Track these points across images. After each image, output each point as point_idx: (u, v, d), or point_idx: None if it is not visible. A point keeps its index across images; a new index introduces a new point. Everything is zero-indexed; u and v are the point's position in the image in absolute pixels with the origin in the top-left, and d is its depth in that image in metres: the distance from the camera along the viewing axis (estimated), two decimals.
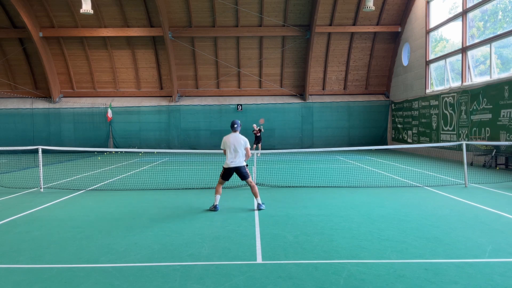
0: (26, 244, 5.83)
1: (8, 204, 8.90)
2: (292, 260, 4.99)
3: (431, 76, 21.37)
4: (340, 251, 5.34)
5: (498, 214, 7.41)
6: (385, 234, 6.11)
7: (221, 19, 24.23)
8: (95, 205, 8.62)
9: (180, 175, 13.15)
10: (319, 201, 8.76)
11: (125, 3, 23.55)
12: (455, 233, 6.14)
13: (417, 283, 4.25)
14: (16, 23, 24.42)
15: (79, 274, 4.63)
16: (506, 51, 16.00)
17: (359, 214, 7.49)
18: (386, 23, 24.44)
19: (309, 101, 26.54)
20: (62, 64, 26.07)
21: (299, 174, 13.83)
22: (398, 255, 5.14)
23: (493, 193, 9.66)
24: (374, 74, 26.69)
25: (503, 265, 4.77)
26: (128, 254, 5.30)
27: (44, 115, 26.32)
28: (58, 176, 13.57)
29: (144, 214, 7.72)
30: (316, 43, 24.85)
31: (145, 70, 26.36)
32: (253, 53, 25.63)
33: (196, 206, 8.45)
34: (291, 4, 23.60)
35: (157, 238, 6.04)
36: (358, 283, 4.28)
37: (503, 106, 14.76)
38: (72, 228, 6.68)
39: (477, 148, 16.06)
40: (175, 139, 26.34)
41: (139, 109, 26.38)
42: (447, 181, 11.53)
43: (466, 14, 17.74)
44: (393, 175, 13.00)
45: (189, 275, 4.56)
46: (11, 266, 4.93)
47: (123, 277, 4.52)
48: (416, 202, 8.55)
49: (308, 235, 6.07)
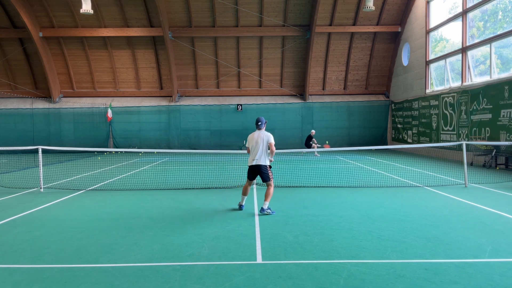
0: (26, 244, 5.83)
1: (8, 204, 8.90)
2: (292, 260, 4.99)
3: (431, 76, 21.37)
4: (340, 251, 5.34)
5: (498, 214, 7.41)
6: (385, 234, 6.11)
7: (221, 19, 24.23)
8: (95, 205, 8.62)
9: (180, 175, 13.15)
10: (319, 201, 8.76)
11: (125, 3, 23.55)
12: (455, 233, 6.14)
13: (417, 283, 4.25)
14: (16, 23, 24.42)
15: (79, 274, 4.63)
16: (506, 51, 16.00)
17: (359, 214, 7.49)
18: (386, 23, 24.44)
19: (309, 101, 26.54)
20: (62, 64, 26.07)
21: (299, 174, 13.83)
22: (398, 255, 5.14)
23: (493, 193, 9.66)
24: (374, 74, 26.69)
25: (503, 265, 4.77)
26: (128, 254, 5.30)
27: (44, 115, 26.32)
28: (58, 176, 13.57)
29: (144, 214, 7.71)
30: (316, 43, 24.85)
31: (145, 70, 26.37)
32: (253, 53, 25.63)
33: (196, 206, 8.45)
34: (291, 4, 23.60)
35: (157, 238, 6.04)
36: (358, 283, 4.28)
37: (503, 106, 14.76)
38: (72, 228, 6.68)
39: (477, 148, 16.06)
40: (175, 139, 26.34)
41: (139, 109, 26.38)
42: (447, 181, 11.52)
43: (466, 14, 17.74)
44: (393, 175, 12.99)
45: (189, 275, 4.56)
46: (11, 266, 4.93)
47: (123, 277, 4.52)
48: (416, 202, 8.55)
49: (308, 235, 6.07)
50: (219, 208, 8.20)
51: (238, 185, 10.78)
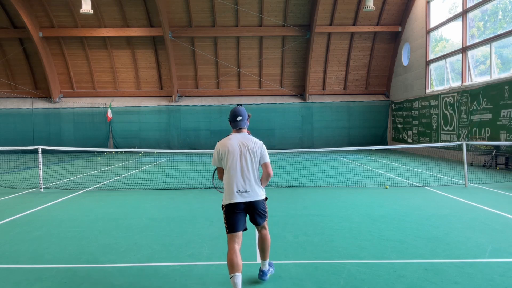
0: (26, 244, 5.82)
1: (8, 204, 8.90)
2: (292, 260, 4.99)
3: (431, 76, 21.37)
4: (340, 251, 5.33)
5: (498, 214, 7.40)
6: (385, 234, 6.11)
7: (221, 19, 24.23)
8: (95, 205, 8.62)
9: (180, 175, 13.15)
10: (319, 201, 8.75)
11: (125, 3, 23.54)
12: (455, 233, 6.14)
13: (417, 283, 4.25)
14: (16, 23, 24.41)
15: (79, 274, 4.63)
16: (506, 51, 16.00)
17: (359, 214, 7.49)
18: (386, 23, 24.44)
19: (309, 101, 26.54)
20: (62, 64, 26.07)
21: (299, 174, 13.82)
22: (398, 255, 5.14)
23: (493, 193, 9.65)
24: (374, 74, 26.69)
25: (503, 265, 4.77)
26: (128, 254, 5.30)
27: (44, 115, 26.32)
28: (58, 176, 13.57)
29: (144, 214, 7.71)
30: (316, 43, 24.85)
31: (145, 70, 26.37)
32: (253, 53, 25.63)
33: (196, 206, 8.45)
34: (291, 4, 23.60)
35: (157, 238, 6.04)
36: (358, 283, 4.28)
37: (503, 106, 14.75)
38: (72, 228, 6.68)
39: (477, 148, 16.06)
40: (175, 139, 26.34)
41: (139, 109, 26.38)
42: (447, 181, 11.52)
43: (466, 14, 17.73)
44: (393, 175, 12.99)
45: (189, 275, 4.55)
46: (11, 266, 4.93)
47: (123, 277, 4.51)
48: (416, 202, 8.54)
49: (308, 235, 6.07)
50: (219, 208, 8.16)
51: None
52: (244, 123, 4.20)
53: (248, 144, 4.08)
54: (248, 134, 4.22)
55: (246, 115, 4.21)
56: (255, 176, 4.08)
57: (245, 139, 4.11)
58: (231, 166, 4.02)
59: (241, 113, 4.16)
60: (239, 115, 4.15)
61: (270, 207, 8.05)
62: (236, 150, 4.04)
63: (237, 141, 4.08)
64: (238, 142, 4.07)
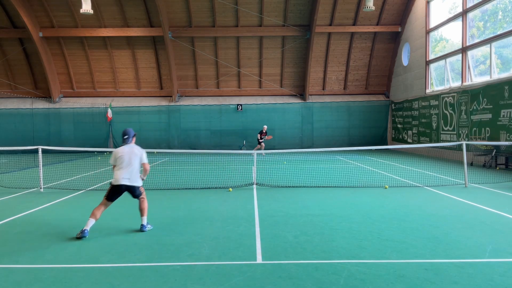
0: (26, 244, 5.83)
1: (8, 204, 8.90)
2: (292, 260, 4.99)
3: (431, 76, 21.37)
4: (340, 251, 5.33)
5: (498, 214, 7.41)
6: (385, 234, 6.11)
7: (221, 19, 24.22)
8: (95, 205, 8.58)
9: (180, 175, 13.15)
10: (319, 201, 8.75)
11: (125, 3, 23.54)
12: (455, 233, 6.14)
13: (417, 283, 4.25)
14: (16, 23, 24.40)
15: (79, 274, 4.63)
16: (506, 51, 16.00)
17: (359, 214, 7.49)
18: (386, 23, 24.44)
19: (309, 101, 26.54)
20: (62, 64, 26.06)
21: (299, 174, 13.83)
22: (398, 255, 5.14)
23: (493, 193, 9.66)
24: (374, 74, 26.69)
25: (503, 265, 4.77)
26: (128, 254, 5.30)
27: (44, 115, 26.31)
28: (58, 176, 13.57)
29: None
30: (316, 43, 24.85)
31: (145, 70, 26.36)
32: (253, 53, 25.63)
33: (196, 206, 8.45)
34: (291, 4, 23.60)
35: (157, 238, 6.04)
36: (358, 283, 4.28)
37: (503, 106, 14.75)
38: (72, 228, 6.67)
39: (477, 148, 16.06)
40: (175, 139, 26.34)
41: (139, 109, 26.37)
42: (447, 181, 11.52)
43: (466, 14, 17.73)
44: (393, 175, 12.99)
45: (189, 275, 4.56)
46: (11, 266, 4.93)
47: (123, 277, 4.51)
48: (416, 202, 8.55)
49: (308, 235, 6.07)
50: (219, 208, 8.20)
51: (238, 185, 10.78)
52: (129, 140, 6.62)
53: (135, 152, 6.52)
54: (134, 145, 6.66)
55: (132, 134, 6.66)
56: (138, 172, 6.52)
57: (133, 149, 6.57)
58: (122, 163, 6.41)
59: (128, 133, 6.64)
60: (126, 134, 6.62)
61: (270, 207, 8.04)
62: (127, 155, 6.47)
63: (128, 150, 6.54)
64: (128, 150, 6.53)
